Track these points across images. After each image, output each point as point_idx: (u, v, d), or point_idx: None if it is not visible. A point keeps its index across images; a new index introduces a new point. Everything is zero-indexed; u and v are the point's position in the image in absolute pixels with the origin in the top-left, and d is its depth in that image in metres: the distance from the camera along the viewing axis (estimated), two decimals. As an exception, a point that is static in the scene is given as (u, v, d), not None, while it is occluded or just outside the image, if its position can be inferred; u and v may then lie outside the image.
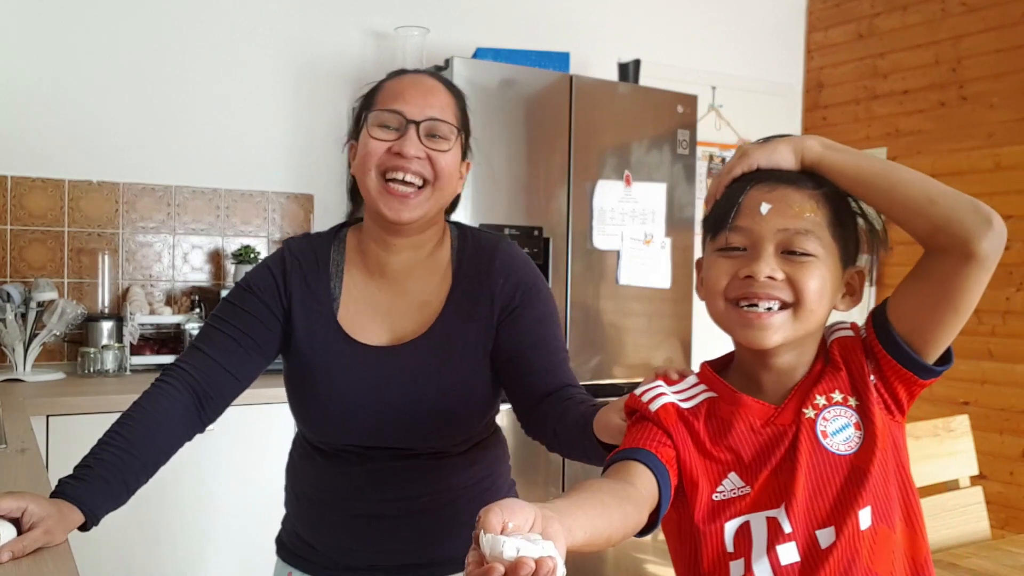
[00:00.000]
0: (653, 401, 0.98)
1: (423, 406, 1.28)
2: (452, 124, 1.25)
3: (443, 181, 1.25)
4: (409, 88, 1.25)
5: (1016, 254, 3.43)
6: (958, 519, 1.92)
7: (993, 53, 3.55)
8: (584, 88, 2.83)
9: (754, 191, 0.94)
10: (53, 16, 2.82)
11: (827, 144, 0.94)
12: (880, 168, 0.92)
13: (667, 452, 0.94)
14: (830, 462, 0.92)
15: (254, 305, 1.30)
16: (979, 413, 3.49)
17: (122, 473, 1.19)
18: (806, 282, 0.92)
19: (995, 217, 0.89)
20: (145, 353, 2.80)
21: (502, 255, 1.32)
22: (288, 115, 3.17)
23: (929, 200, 0.89)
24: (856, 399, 0.95)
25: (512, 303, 1.29)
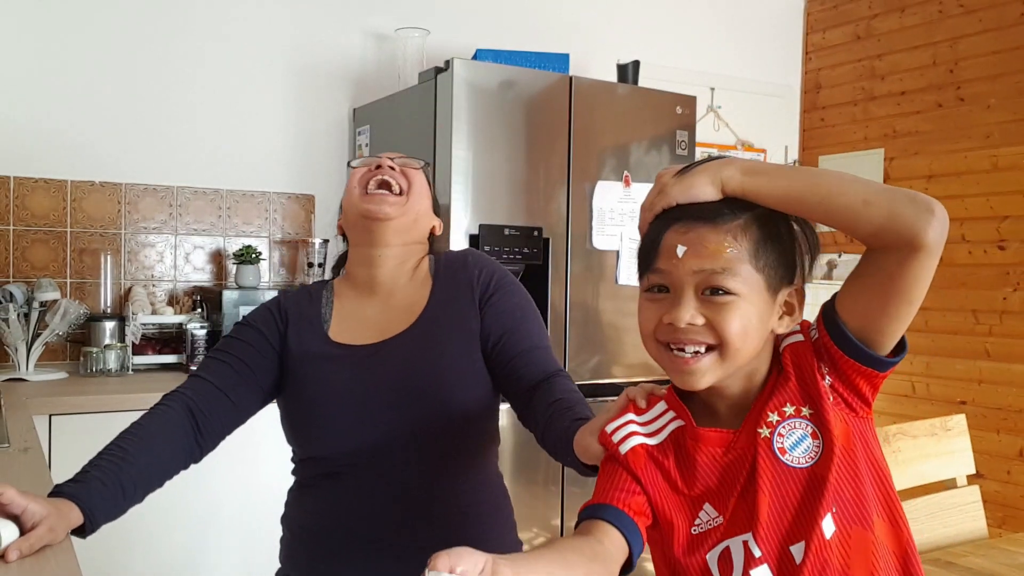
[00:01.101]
0: (623, 443, 0.99)
1: (420, 393, 1.31)
2: (415, 167, 1.43)
3: (415, 192, 1.40)
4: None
5: (1013, 254, 3.45)
6: (955, 518, 1.93)
7: (990, 54, 3.56)
8: (583, 89, 2.85)
9: (671, 233, 0.92)
10: (55, 17, 2.83)
11: (747, 169, 0.91)
12: (807, 183, 0.89)
13: (637, 501, 0.95)
14: (792, 477, 0.92)
15: (250, 334, 1.39)
16: (976, 412, 3.51)
17: (119, 477, 1.20)
18: (727, 325, 0.90)
19: (936, 204, 0.86)
20: (147, 353, 2.81)
21: (473, 256, 1.44)
22: (289, 116, 3.18)
23: (865, 203, 0.86)
24: (809, 408, 0.94)
25: (489, 289, 1.38)
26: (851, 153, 4.11)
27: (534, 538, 2.79)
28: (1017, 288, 3.44)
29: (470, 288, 1.39)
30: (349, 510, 1.35)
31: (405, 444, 1.32)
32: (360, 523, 1.34)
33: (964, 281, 3.61)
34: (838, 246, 4.10)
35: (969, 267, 3.60)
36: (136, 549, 2.31)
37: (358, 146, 3.21)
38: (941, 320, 3.71)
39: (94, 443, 2.26)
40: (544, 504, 2.79)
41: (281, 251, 3.19)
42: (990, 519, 2.11)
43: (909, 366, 3.82)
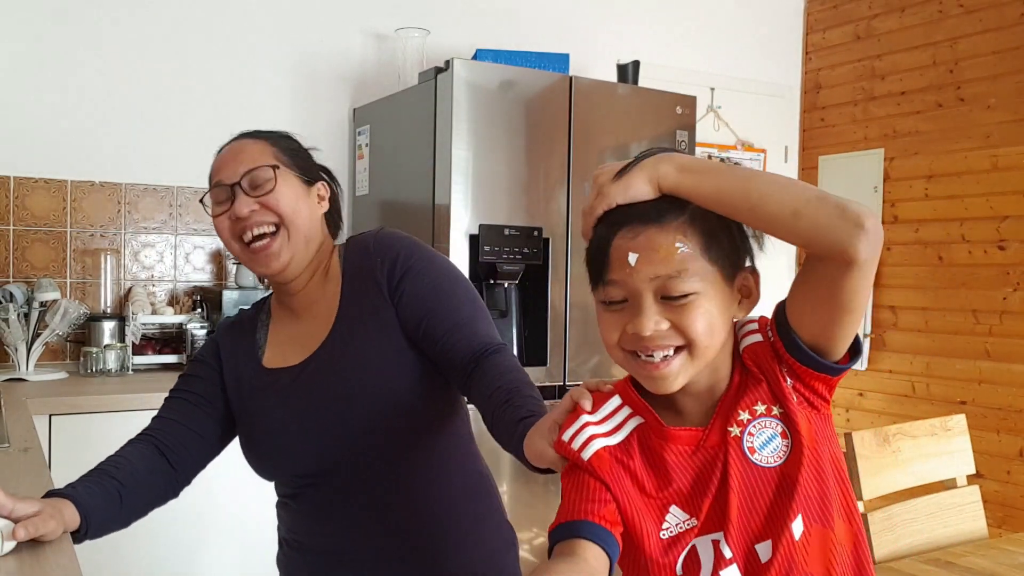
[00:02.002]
0: (584, 448, 0.95)
1: (354, 400, 1.27)
2: (267, 165, 1.28)
3: (289, 217, 1.28)
4: (222, 159, 1.31)
5: (1013, 254, 3.45)
6: (955, 518, 1.93)
7: (990, 54, 3.56)
8: (584, 89, 2.85)
9: (618, 240, 0.90)
10: (55, 17, 2.83)
11: (683, 166, 0.89)
12: (738, 187, 0.87)
13: (609, 510, 0.93)
14: (761, 476, 0.92)
15: (199, 368, 1.40)
16: (976, 412, 3.51)
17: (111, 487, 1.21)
18: (692, 325, 0.88)
19: (867, 218, 0.81)
20: (147, 353, 2.82)
21: (376, 240, 1.35)
22: (289, 116, 3.18)
23: (794, 214, 0.84)
24: (779, 407, 0.93)
25: (395, 276, 1.29)
26: (851, 153, 4.11)
27: (534, 538, 2.79)
28: (1017, 288, 3.44)
29: (374, 279, 1.30)
30: (320, 526, 1.33)
31: (357, 453, 1.28)
32: (332, 538, 1.32)
33: (964, 281, 3.61)
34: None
35: (969, 267, 3.60)
36: (136, 548, 2.31)
37: (358, 146, 3.21)
38: (941, 320, 3.71)
39: (94, 443, 2.25)
40: (544, 504, 2.79)
41: (281, 251, 3.19)
42: (990, 519, 2.11)
43: (909, 366, 3.82)
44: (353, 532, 1.31)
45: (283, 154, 1.32)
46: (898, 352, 3.87)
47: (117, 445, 2.29)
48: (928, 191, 3.77)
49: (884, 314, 3.92)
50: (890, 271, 3.90)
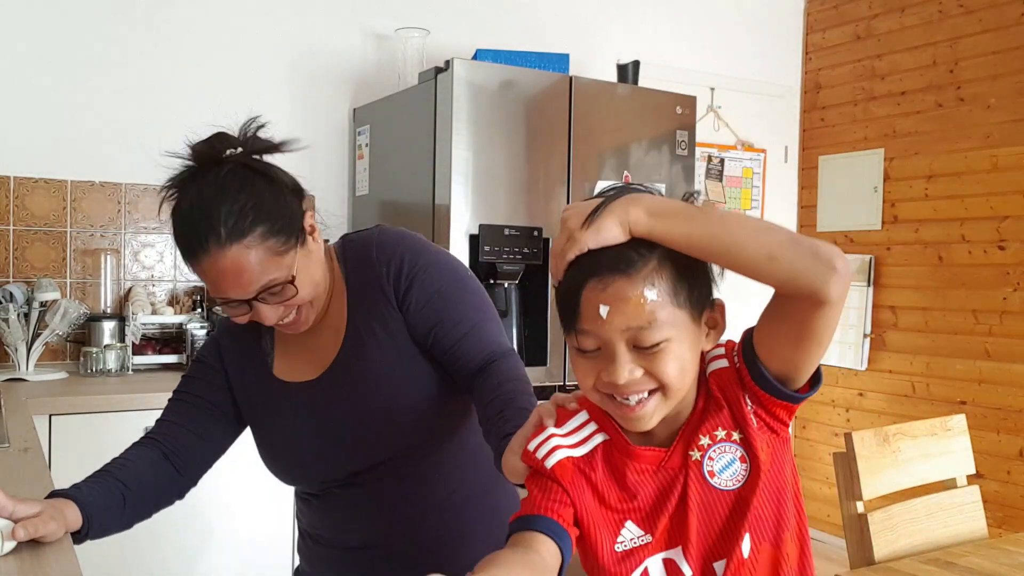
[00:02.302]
0: (548, 457, 0.98)
1: (371, 413, 1.27)
2: (282, 281, 1.18)
3: (311, 295, 1.23)
4: (219, 280, 1.16)
5: (1013, 254, 3.45)
6: (955, 518, 1.93)
7: (990, 54, 3.56)
8: (583, 89, 2.85)
9: (588, 291, 0.90)
10: (54, 17, 2.83)
11: (654, 210, 0.89)
12: (710, 232, 0.88)
13: (567, 512, 0.96)
14: (718, 499, 0.95)
15: (201, 370, 1.37)
16: (976, 412, 3.50)
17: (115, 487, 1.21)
18: (664, 370, 0.90)
19: (838, 260, 0.84)
20: (147, 353, 2.82)
21: (377, 245, 1.30)
22: (289, 116, 3.18)
23: (769, 258, 0.85)
24: (739, 432, 0.95)
25: (402, 285, 1.27)
26: (851, 153, 4.11)
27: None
28: (1017, 288, 3.44)
29: (381, 288, 1.28)
30: (341, 523, 1.35)
31: (379, 460, 1.30)
32: (353, 535, 1.35)
33: (964, 281, 3.61)
34: (838, 246, 4.10)
35: (969, 267, 3.60)
36: (136, 548, 2.31)
37: (358, 146, 3.21)
38: (941, 320, 3.71)
39: (94, 443, 2.26)
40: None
41: (281, 251, 3.18)
42: (990, 519, 2.11)
43: (909, 366, 3.82)
44: (374, 529, 1.33)
45: (277, 240, 1.18)
46: (898, 352, 3.87)
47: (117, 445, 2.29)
48: (928, 191, 3.77)
49: (884, 314, 3.92)
50: (890, 271, 3.90)
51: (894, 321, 3.88)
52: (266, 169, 1.23)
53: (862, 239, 4.01)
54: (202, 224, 1.15)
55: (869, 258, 3.93)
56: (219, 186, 1.19)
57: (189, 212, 1.18)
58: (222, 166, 1.22)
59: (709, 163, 4.07)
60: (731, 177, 4.15)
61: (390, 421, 1.27)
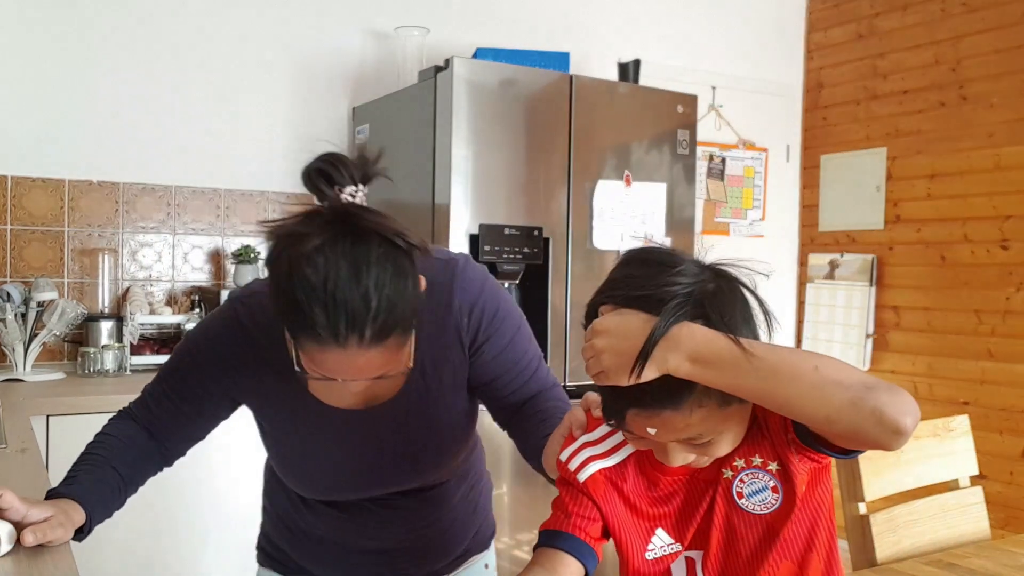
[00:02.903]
0: (580, 470, 0.98)
1: (413, 454, 1.27)
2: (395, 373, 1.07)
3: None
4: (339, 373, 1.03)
5: (1016, 254, 3.43)
6: (958, 519, 1.92)
7: (993, 53, 3.55)
8: (584, 88, 2.84)
9: (633, 417, 0.88)
10: (53, 17, 2.82)
11: (695, 357, 0.83)
12: (761, 387, 0.82)
13: (594, 528, 0.97)
14: (746, 521, 0.94)
15: (215, 360, 1.22)
16: (979, 413, 3.49)
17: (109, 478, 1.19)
18: (716, 452, 0.91)
19: (907, 419, 0.78)
20: (145, 353, 2.81)
21: (459, 290, 1.22)
22: (288, 115, 3.18)
23: (827, 420, 0.81)
24: (777, 464, 0.93)
25: (479, 337, 1.23)
26: (853, 152, 4.09)
27: (535, 539, 2.78)
28: (1020, 288, 3.43)
29: (458, 337, 1.23)
30: (353, 531, 1.33)
31: (409, 487, 1.31)
32: (366, 541, 1.34)
33: (967, 281, 3.60)
34: (839, 246, 4.09)
35: (972, 267, 3.58)
36: (135, 549, 2.30)
37: (358, 145, 3.20)
38: (944, 320, 3.69)
39: (91, 444, 2.24)
40: (544, 505, 2.76)
41: (280, 251, 3.17)
42: (993, 520, 2.10)
43: (912, 366, 3.81)
44: (393, 536, 1.33)
45: (405, 337, 1.06)
46: (900, 352, 3.85)
47: (115, 446, 2.28)
48: (931, 191, 3.75)
49: (886, 314, 3.90)
50: (893, 271, 3.88)
51: (896, 321, 3.87)
52: (409, 250, 1.05)
53: (864, 238, 4.00)
54: (343, 318, 0.98)
55: (871, 258, 3.92)
56: (360, 269, 1.00)
57: (322, 292, 0.98)
58: (363, 239, 1.02)
59: (710, 162, 4.06)
60: (732, 176, 4.14)
61: (437, 453, 1.28)
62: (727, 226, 4.12)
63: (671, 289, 0.86)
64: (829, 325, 4.05)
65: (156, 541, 2.34)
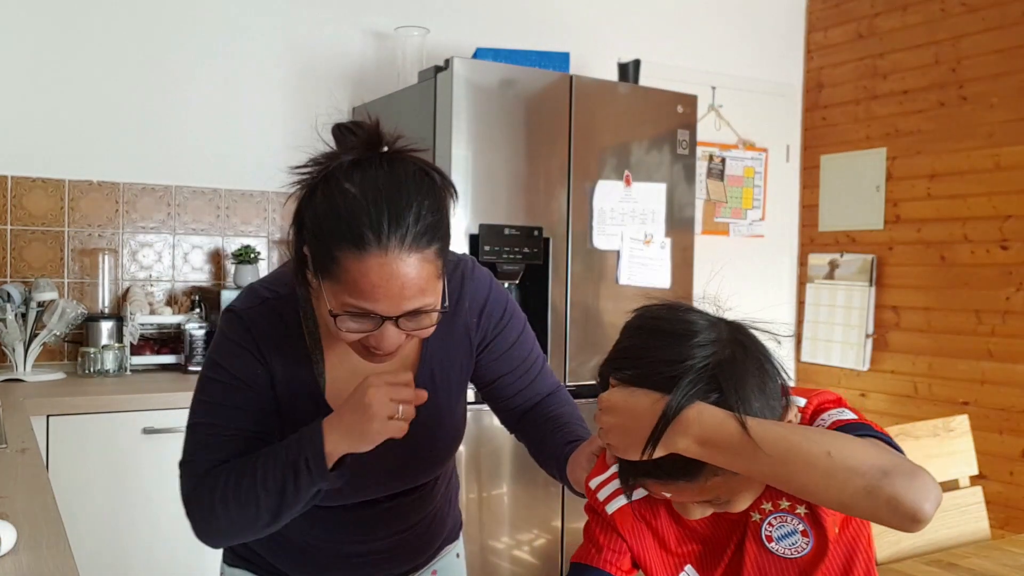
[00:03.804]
0: (609, 502, 0.99)
1: (416, 457, 1.26)
2: (436, 308, 1.05)
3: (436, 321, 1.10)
4: (379, 286, 0.99)
5: (1016, 254, 3.44)
6: (958, 519, 1.92)
7: (993, 53, 3.55)
8: (584, 88, 2.84)
9: (651, 484, 0.90)
10: (53, 17, 2.82)
11: (704, 440, 0.81)
12: (773, 473, 0.80)
13: (624, 561, 0.99)
14: (776, 565, 0.93)
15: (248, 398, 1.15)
16: (979, 413, 3.49)
17: None
18: (735, 507, 0.91)
19: (924, 507, 0.74)
20: (145, 353, 2.81)
21: (468, 291, 1.23)
22: (288, 115, 3.18)
23: (842, 506, 0.79)
24: (805, 507, 0.92)
25: (487, 337, 1.26)
26: (853, 152, 4.10)
27: (534, 539, 2.78)
28: (1020, 288, 3.43)
29: (467, 337, 1.24)
30: (346, 535, 1.31)
31: (408, 488, 1.30)
32: (355, 545, 1.32)
33: (967, 281, 3.60)
34: (839, 246, 4.09)
35: (971, 267, 3.58)
36: (135, 549, 2.30)
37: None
38: (943, 320, 3.69)
39: (92, 444, 2.25)
40: (544, 505, 2.78)
41: (280, 251, 3.18)
42: (993, 520, 2.10)
43: (911, 367, 3.81)
44: (384, 539, 1.32)
45: (443, 262, 1.06)
46: (900, 352, 3.86)
47: (115, 446, 2.29)
48: (930, 190, 3.76)
49: (886, 314, 3.91)
50: (892, 271, 3.88)
51: (896, 321, 3.87)
52: (444, 181, 1.06)
53: (864, 238, 4.00)
54: (385, 217, 0.97)
55: (871, 258, 3.92)
56: (400, 182, 1.01)
57: (363, 199, 0.98)
58: (399, 160, 1.04)
59: (710, 162, 4.06)
60: (732, 176, 4.14)
61: (439, 454, 1.29)
62: (727, 226, 4.12)
63: (684, 364, 0.83)
64: (829, 325, 4.06)
65: (156, 541, 2.34)
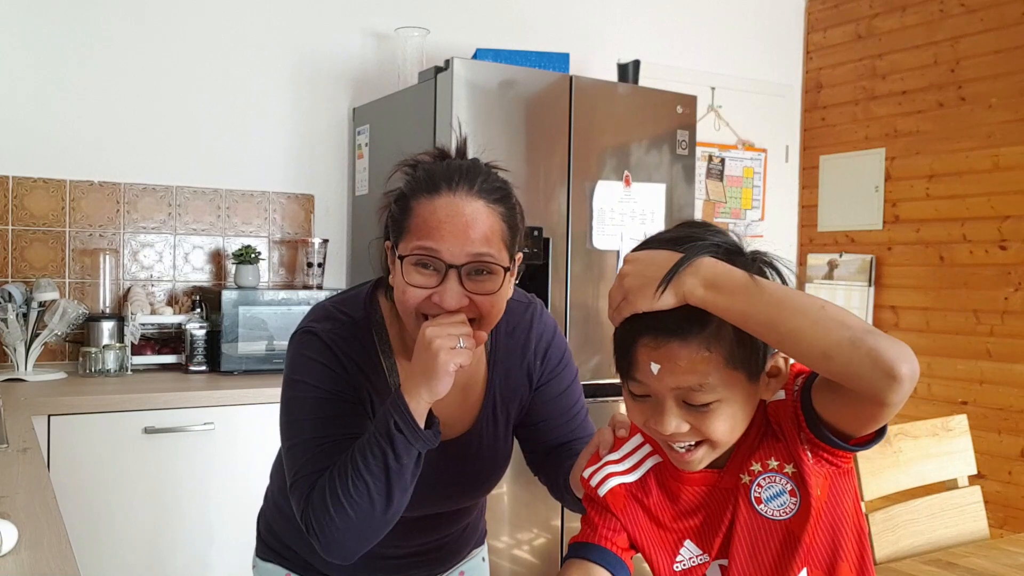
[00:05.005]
0: (601, 485, 1.01)
1: (469, 484, 1.31)
2: (498, 263, 1.10)
3: (491, 318, 1.13)
4: (446, 223, 1.08)
5: (1015, 254, 3.44)
6: (956, 518, 1.93)
7: (991, 54, 3.55)
8: (584, 89, 2.84)
9: (642, 348, 0.90)
10: (54, 17, 2.82)
11: (709, 282, 0.86)
12: (769, 316, 0.83)
13: (620, 538, 1.00)
14: (766, 527, 0.94)
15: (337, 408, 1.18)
16: (978, 413, 3.50)
17: None
18: (712, 429, 0.90)
19: (902, 366, 0.78)
20: (146, 353, 2.81)
21: (536, 334, 1.30)
22: (289, 115, 3.18)
23: (823, 355, 0.81)
24: (793, 467, 0.93)
25: (543, 378, 1.31)
26: (852, 152, 4.10)
27: (534, 538, 2.78)
28: (1019, 288, 3.43)
29: (528, 380, 1.30)
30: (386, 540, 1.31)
31: (455, 508, 1.34)
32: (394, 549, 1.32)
33: (965, 281, 3.61)
34: (839, 246, 4.10)
35: (970, 267, 3.59)
36: (135, 549, 2.31)
37: (358, 145, 3.21)
38: (942, 320, 3.70)
39: (93, 444, 2.25)
40: (544, 505, 2.78)
41: (280, 251, 3.18)
42: (991, 520, 2.10)
43: (910, 366, 3.81)
44: (422, 545, 1.34)
45: (507, 233, 1.14)
46: (899, 352, 3.86)
47: (116, 445, 2.29)
48: (929, 191, 3.76)
49: (885, 314, 3.91)
50: (891, 271, 3.89)
51: (895, 321, 3.88)
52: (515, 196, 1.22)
53: (863, 239, 4.00)
54: (456, 171, 1.13)
55: (870, 258, 3.92)
56: (479, 165, 1.19)
57: (441, 164, 1.15)
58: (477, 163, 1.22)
59: (710, 163, 4.06)
60: (732, 177, 4.14)
61: (486, 482, 1.34)
62: (726, 226, 4.13)
63: (705, 240, 0.90)
64: (828, 325, 4.06)
65: (156, 539, 2.34)
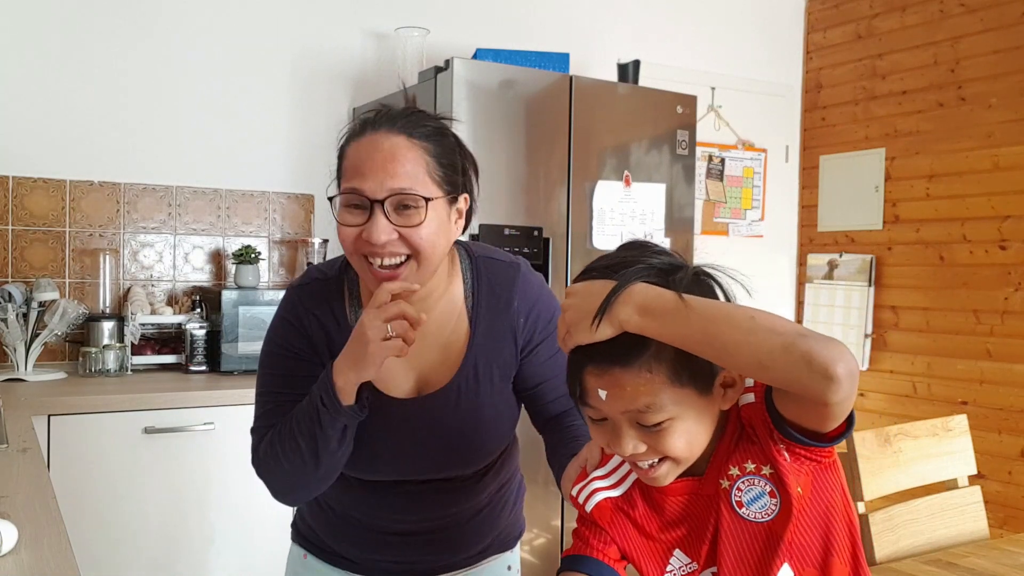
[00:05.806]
0: (587, 501, 1.02)
1: (453, 445, 1.30)
2: (420, 195, 1.13)
3: (426, 252, 1.16)
4: (366, 160, 1.14)
5: (1015, 254, 3.44)
6: (956, 518, 1.93)
7: (991, 54, 3.56)
8: (584, 89, 2.84)
9: (588, 376, 0.92)
10: (54, 17, 2.82)
11: (643, 309, 0.87)
12: (703, 334, 0.84)
13: (611, 550, 1.01)
14: (749, 531, 0.95)
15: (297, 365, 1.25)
16: (978, 413, 3.50)
17: None
18: (669, 447, 0.91)
19: (837, 366, 0.78)
20: (146, 353, 2.81)
21: (520, 293, 1.30)
22: (289, 115, 3.18)
23: (760, 365, 0.82)
24: (770, 467, 0.94)
25: (533, 339, 1.30)
26: (852, 152, 4.10)
27: (534, 538, 2.78)
28: (1018, 288, 3.44)
29: (512, 338, 1.29)
30: (387, 513, 1.34)
31: (451, 475, 1.32)
32: (398, 524, 1.35)
33: (965, 281, 3.61)
34: (838, 246, 4.10)
35: (970, 267, 3.59)
36: (135, 548, 2.30)
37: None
38: (942, 320, 3.70)
39: (93, 444, 2.25)
40: (544, 505, 2.78)
41: (280, 251, 3.18)
42: (991, 520, 2.11)
43: (910, 366, 3.82)
44: (425, 520, 1.34)
45: (437, 168, 1.16)
46: (899, 352, 3.86)
47: (116, 445, 2.29)
48: (929, 191, 3.76)
49: (885, 314, 3.91)
50: (891, 271, 3.89)
51: (895, 321, 3.88)
52: (457, 138, 1.22)
53: (863, 239, 4.00)
54: (381, 114, 1.17)
55: (870, 258, 3.92)
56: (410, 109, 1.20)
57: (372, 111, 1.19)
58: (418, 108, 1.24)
59: (710, 163, 4.06)
60: (732, 177, 4.14)
61: (477, 446, 1.31)
62: (726, 226, 4.13)
63: (641, 261, 0.91)
64: (828, 325, 4.06)
65: (156, 539, 2.34)
